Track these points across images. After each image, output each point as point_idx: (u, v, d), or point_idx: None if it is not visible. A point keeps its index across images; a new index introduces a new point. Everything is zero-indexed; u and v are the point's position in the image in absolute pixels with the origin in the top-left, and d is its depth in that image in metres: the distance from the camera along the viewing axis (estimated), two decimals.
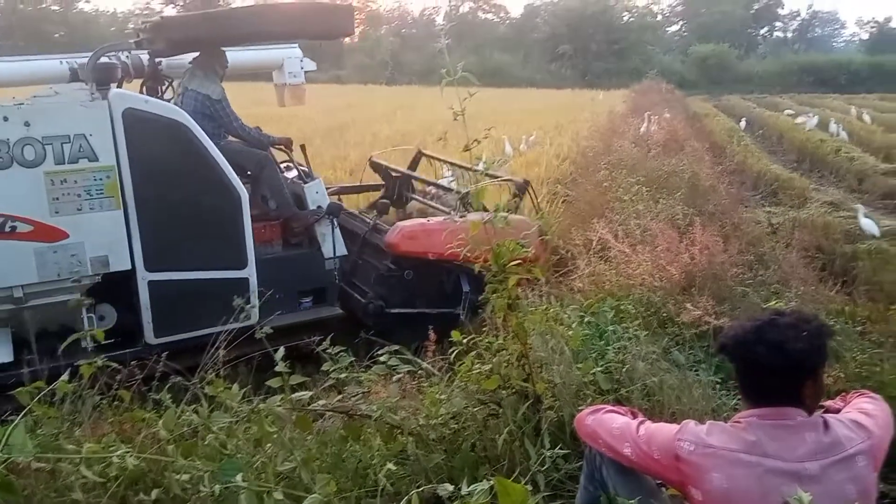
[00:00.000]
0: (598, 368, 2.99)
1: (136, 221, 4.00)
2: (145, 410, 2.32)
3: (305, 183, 5.05)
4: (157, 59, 5.23)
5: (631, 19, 52.85)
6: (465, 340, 2.78)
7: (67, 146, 3.75)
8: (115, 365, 2.41)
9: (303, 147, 5.40)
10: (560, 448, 2.53)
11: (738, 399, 2.63)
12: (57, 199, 3.76)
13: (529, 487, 1.73)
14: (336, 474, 2.29)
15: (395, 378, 2.75)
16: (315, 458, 2.37)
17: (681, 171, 7.46)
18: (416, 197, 6.54)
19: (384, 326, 4.71)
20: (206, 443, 2.12)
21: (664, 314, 3.90)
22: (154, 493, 1.85)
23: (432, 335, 3.48)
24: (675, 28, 62.81)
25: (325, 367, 2.61)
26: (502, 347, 2.70)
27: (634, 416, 2.05)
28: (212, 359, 2.75)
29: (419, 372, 3.01)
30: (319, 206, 4.96)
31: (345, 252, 5.07)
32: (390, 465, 2.26)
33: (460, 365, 2.79)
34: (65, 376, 2.18)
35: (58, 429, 2.15)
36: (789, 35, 65.61)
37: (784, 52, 55.81)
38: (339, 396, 2.61)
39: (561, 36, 48.77)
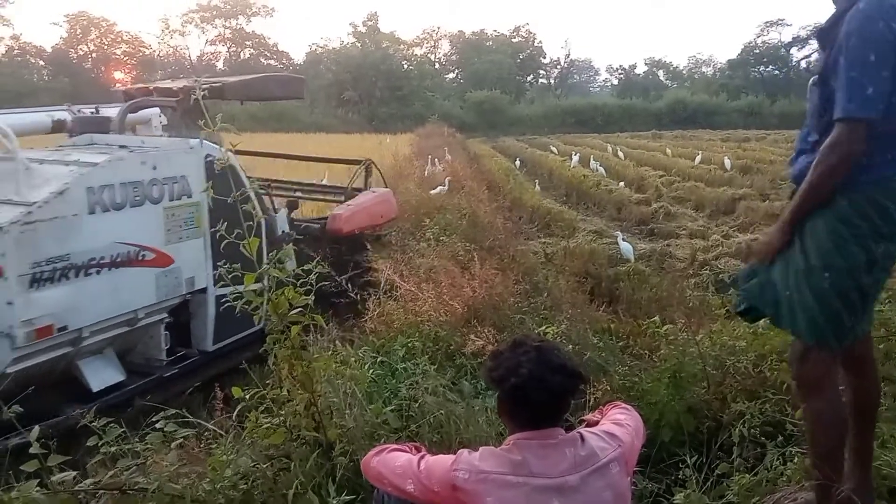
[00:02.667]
0: (390, 408, 3.03)
1: (210, 246, 4.66)
2: None
3: (276, 213, 6.09)
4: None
5: (410, 67, 55.19)
6: (248, 396, 2.69)
7: (177, 185, 4.44)
8: None
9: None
10: (357, 493, 2.52)
11: None
12: (169, 230, 4.42)
13: None
14: None
15: (174, 444, 2.58)
16: None
17: (462, 209, 7.85)
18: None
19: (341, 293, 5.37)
20: None
21: (451, 347, 4.06)
22: None
23: (219, 393, 3.33)
24: (452, 75, 66.56)
25: (90, 442, 2.38)
26: (288, 398, 2.65)
27: (418, 451, 2.09)
28: None
29: (205, 434, 2.85)
30: (284, 231, 5.93)
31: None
32: None
33: (248, 421, 2.69)
34: None
35: None
36: (552, 82, 72.24)
37: (548, 97, 61.22)
38: (112, 472, 2.39)
39: (345, 82, 49.61)
